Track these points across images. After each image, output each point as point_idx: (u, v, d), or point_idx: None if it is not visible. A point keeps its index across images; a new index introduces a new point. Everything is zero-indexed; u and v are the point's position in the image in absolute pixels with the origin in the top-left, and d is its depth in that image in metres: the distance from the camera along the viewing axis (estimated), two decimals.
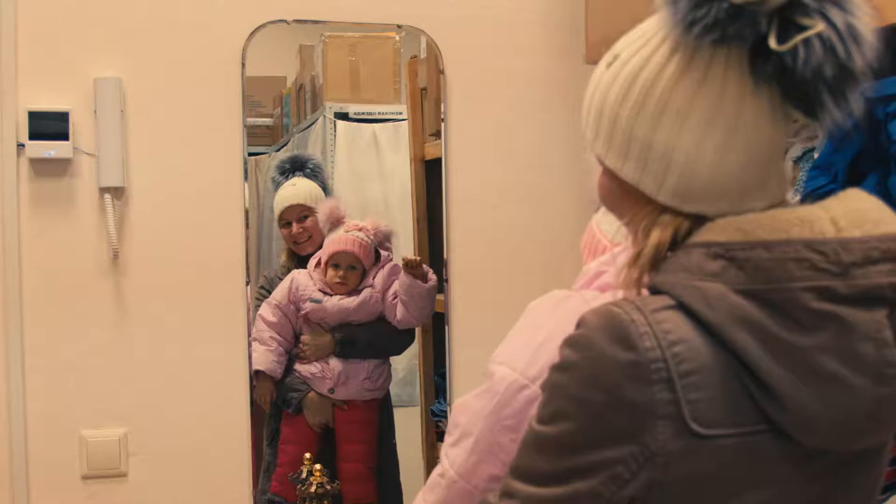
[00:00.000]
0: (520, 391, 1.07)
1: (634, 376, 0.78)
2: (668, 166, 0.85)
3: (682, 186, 0.85)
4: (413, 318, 2.22)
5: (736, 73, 0.83)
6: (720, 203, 0.85)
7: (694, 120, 0.83)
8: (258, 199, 2.25)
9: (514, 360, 1.09)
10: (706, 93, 0.83)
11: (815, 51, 0.79)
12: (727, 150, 0.83)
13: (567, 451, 0.82)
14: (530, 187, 2.20)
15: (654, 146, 0.85)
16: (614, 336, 0.80)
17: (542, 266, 2.19)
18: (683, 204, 0.85)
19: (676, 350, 0.78)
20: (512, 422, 1.07)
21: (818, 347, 0.77)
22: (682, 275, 0.82)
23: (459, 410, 1.15)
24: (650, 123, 0.85)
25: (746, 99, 0.83)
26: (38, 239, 1.95)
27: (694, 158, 0.84)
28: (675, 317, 0.80)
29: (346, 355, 2.20)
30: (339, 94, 2.31)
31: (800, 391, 0.77)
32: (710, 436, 0.78)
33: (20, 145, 1.93)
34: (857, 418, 0.79)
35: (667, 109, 0.84)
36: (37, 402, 1.95)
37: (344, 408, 2.21)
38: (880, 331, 0.78)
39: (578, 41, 2.15)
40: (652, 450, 0.78)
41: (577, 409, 0.81)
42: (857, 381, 0.77)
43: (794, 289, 0.77)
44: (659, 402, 0.78)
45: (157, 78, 2.01)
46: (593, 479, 0.80)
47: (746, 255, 0.79)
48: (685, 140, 0.84)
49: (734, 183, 0.84)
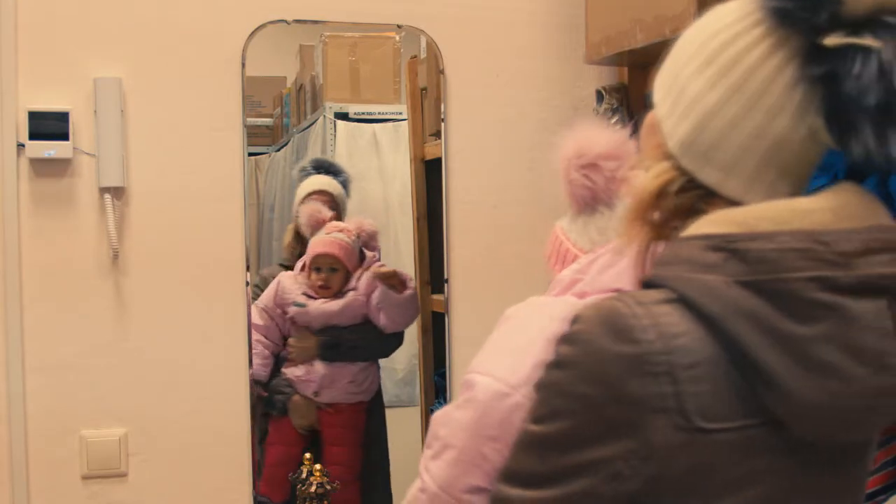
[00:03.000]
0: (502, 399, 1.03)
1: (636, 370, 0.78)
2: (688, 113, 0.86)
3: (690, 138, 0.86)
4: (395, 324, 2.22)
5: (782, 57, 0.82)
6: (710, 170, 0.85)
7: (727, 82, 0.84)
8: (258, 199, 2.25)
9: (495, 369, 1.06)
10: (747, 61, 0.83)
11: (869, 69, 0.77)
12: (738, 124, 0.84)
13: (565, 450, 0.81)
14: (530, 187, 2.20)
15: (687, 91, 0.87)
16: (615, 330, 0.79)
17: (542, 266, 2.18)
18: (683, 156, 0.86)
19: (678, 343, 0.78)
20: (495, 431, 1.04)
21: (819, 337, 0.77)
22: (680, 267, 0.82)
23: (439, 422, 1.11)
24: (695, 70, 0.87)
25: (776, 85, 0.82)
26: (38, 239, 1.95)
27: (711, 116, 0.85)
28: (672, 310, 0.80)
29: (330, 358, 2.20)
30: (339, 94, 2.31)
31: (800, 382, 0.77)
32: (708, 430, 0.78)
33: (20, 145, 1.93)
34: (855, 409, 0.79)
35: (714, 63, 0.85)
36: (37, 402, 1.95)
37: (329, 411, 2.21)
38: (881, 321, 0.78)
39: (578, 41, 2.15)
40: (652, 444, 0.78)
41: (576, 405, 0.80)
42: (858, 372, 0.77)
43: (795, 279, 0.77)
44: (661, 395, 0.77)
45: (157, 78, 2.01)
46: (593, 477, 0.80)
47: (747, 245, 0.79)
48: (712, 97, 0.85)
49: (729, 158, 0.84)
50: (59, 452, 1.97)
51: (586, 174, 1.27)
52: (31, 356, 1.95)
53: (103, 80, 1.96)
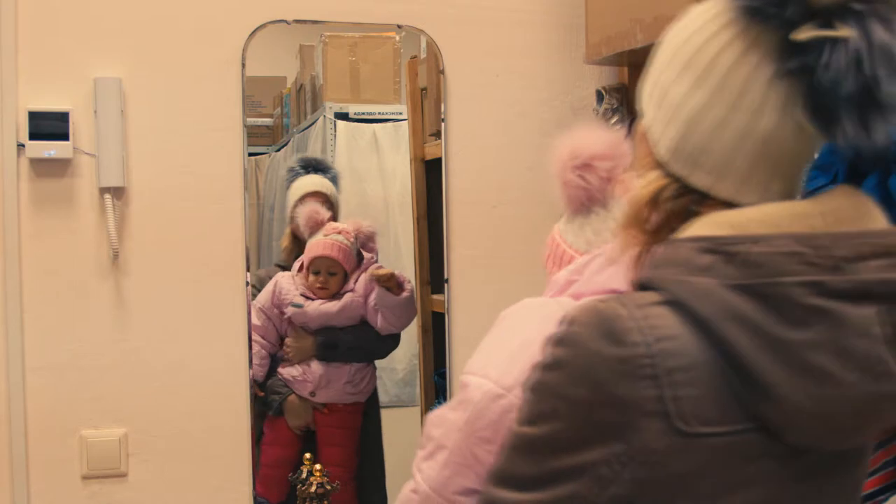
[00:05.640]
0: (495, 401, 1.04)
1: (622, 372, 0.77)
2: (672, 118, 0.86)
3: (676, 143, 0.85)
4: (392, 326, 2.22)
5: (758, 53, 0.82)
6: (700, 173, 0.85)
7: (709, 83, 0.84)
8: (258, 200, 2.25)
9: (489, 370, 1.06)
10: (724, 59, 0.83)
11: (839, 58, 0.77)
12: (724, 125, 0.83)
13: (553, 452, 0.80)
14: (530, 187, 2.20)
15: (669, 95, 0.86)
16: (603, 332, 0.78)
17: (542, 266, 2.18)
18: (672, 162, 0.86)
19: (663, 346, 0.77)
20: (487, 433, 1.04)
21: (809, 343, 0.76)
22: (672, 270, 0.81)
23: (433, 423, 1.12)
24: (675, 73, 0.86)
25: (756, 84, 0.82)
26: (38, 239, 1.95)
27: (695, 119, 0.84)
28: (665, 312, 0.79)
29: (328, 359, 2.20)
30: (339, 94, 2.31)
31: (790, 386, 0.76)
32: (697, 434, 0.77)
33: (20, 145, 1.93)
34: (847, 415, 0.78)
35: (692, 65, 0.85)
36: (37, 402, 1.95)
37: (324, 411, 2.21)
38: (872, 327, 0.77)
39: (578, 41, 2.15)
40: (637, 448, 0.77)
41: (564, 406, 0.80)
42: (848, 378, 0.76)
43: (785, 283, 0.76)
44: (645, 398, 0.77)
45: (157, 78, 2.01)
46: (577, 481, 0.79)
47: (737, 249, 0.78)
48: (695, 99, 0.84)
49: (719, 159, 0.84)
50: (59, 452, 1.97)
51: (581, 175, 1.27)
52: (31, 356, 1.95)
53: (103, 80, 1.96)
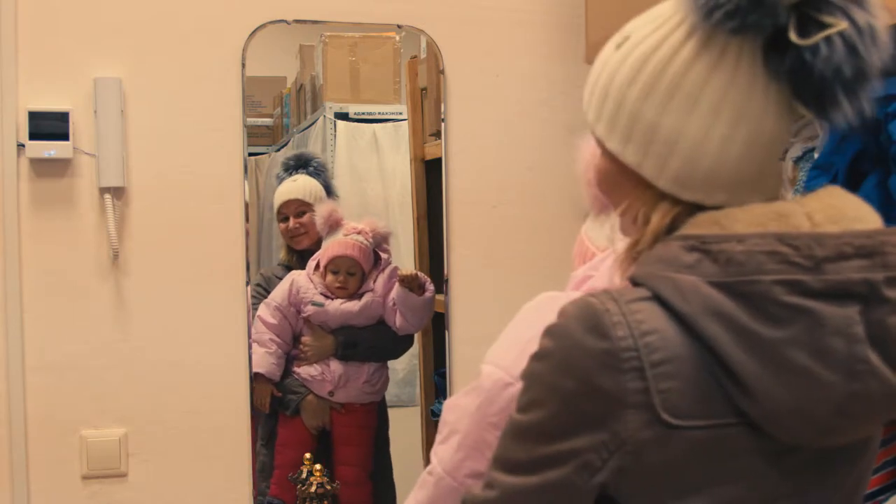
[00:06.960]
0: (505, 388, 1.08)
1: (606, 364, 0.79)
2: (672, 151, 0.84)
3: (684, 173, 0.84)
4: (411, 326, 2.23)
5: (747, 63, 0.82)
6: (717, 193, 0.85)
7: (704, 107, 0.83)
8: (258, 199, 2.25)
9: (501, 359, 1.11)
10: (717, 80, 0.83)
11: (837, 49, 0.79)
12: (731, 140, 0.83)
13: (541, 439, 0.83)
14: (530, 187, 2.20)
15: (660, 130, 0.84)
16: (588, 325, 0.80)
17: (542, 266, 2.18)
18: (682, 191, 0.85)
19: (648, 340, 0.79)
20: (497, 419, 1.08)
21: (789, 341, 0.77)
22: (658, 266, 0.82)
23: (448, 409, 1.17)
24: (658, 107, 0.84)
25: (755, 91, 0.83)
26: (38, 239, 1.95)
27: (699, 145, 0.83)
28: (650, 307, 0.81)
29: (348, 358, 2.21)
30: (339, 94, 2.31)
31: (770, 384, 0.77)
32: (681, 426, 0.79)
33: (20, 145, 1.93)
34: (826, 413, 0.79)
35: (677, 94, 0.83)
36: (37, 402, 1.95)
37: (341, 411, 2.21)
38: (851, 326, 0.78)
39: (578, 41, 2.15)
40: (622, 438, 0.79)
41: (550, 396, 0.82)
42: (827, 376, 0.78)
43: (765, 282, 0.77)
44: (629, 390, 0.78)
45: (157, 78, 2.01)
46: (565, 467, 0.81)
47: (720, 247, 0.79)
48: (692, 126, 0.83)
49: (733, 174, 0.84)
50: (59, 452, 1.97)
51: None
52: (31, 356, 1.95)
53: (103, 80, 1.96)
